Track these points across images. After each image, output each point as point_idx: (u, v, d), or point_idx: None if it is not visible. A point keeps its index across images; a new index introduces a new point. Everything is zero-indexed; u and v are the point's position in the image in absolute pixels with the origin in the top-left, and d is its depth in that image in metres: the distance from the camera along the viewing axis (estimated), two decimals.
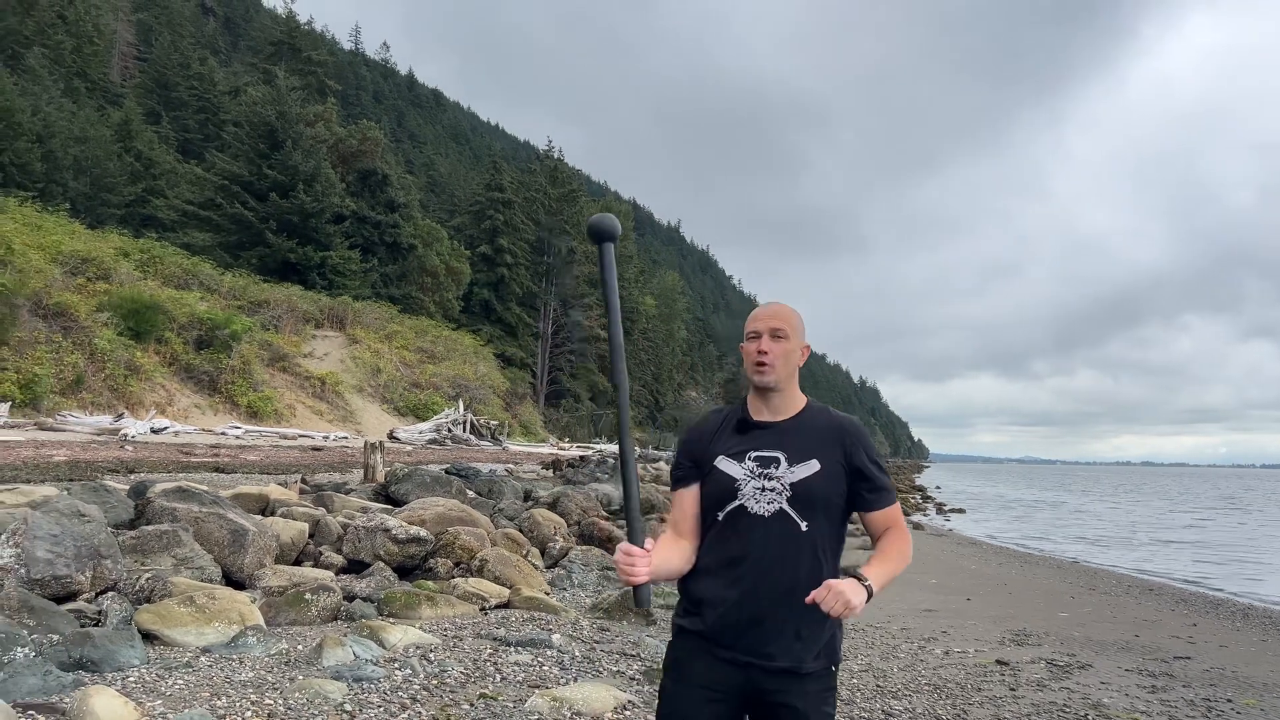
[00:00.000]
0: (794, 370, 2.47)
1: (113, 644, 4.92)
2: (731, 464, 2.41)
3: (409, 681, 5.30)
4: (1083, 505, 49.21)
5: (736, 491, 2.38)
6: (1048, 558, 18.77)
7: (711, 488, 2.44)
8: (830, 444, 2.41)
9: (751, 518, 2.36)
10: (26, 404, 23.07)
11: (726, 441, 2.47)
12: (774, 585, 2.33)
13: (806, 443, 2.41)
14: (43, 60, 54.12)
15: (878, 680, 6.50)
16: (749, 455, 2.41)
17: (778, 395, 2.46)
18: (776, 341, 2.44)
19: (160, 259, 35.57)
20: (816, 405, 2.53)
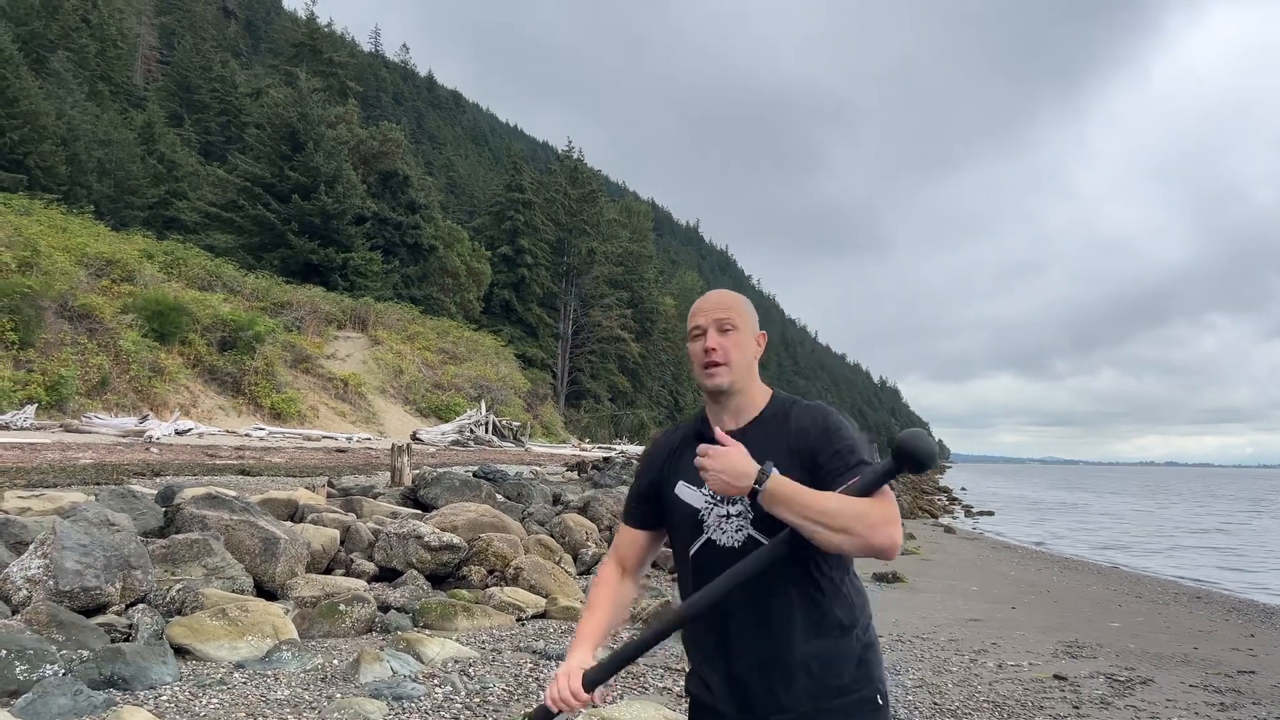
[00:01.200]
0: (751, 365, 2.08)
1: (144, 660, 4.73)
2: (690, 491, 2.04)
3: (450, 700, 5.08)
4: (1110, 507, 48.58)
5: (701, 524, 2.02)
6: (1086, 562, 18.38)
7: (676, 521, 2.08)
8: (792, 442, 2.00)
9: (721, 552, 1.99)
10: (52, 405, 23.09)
11: (684, 462, 2.07)
12: (766, 624, 1.97)
13: (766, 449, 1.98)
14: (67, 64, 54.48)
15: (934, 697, 6.22)
16: None
17: (736, 398, 2.07)
18: (725, 335, 2.05)
19: (184, 261, 35.66)
20: (781, 399, 2.11)
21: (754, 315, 2.12)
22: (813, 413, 2.06)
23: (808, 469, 1.96)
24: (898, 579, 12.19)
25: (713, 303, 2.10)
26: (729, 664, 1.99)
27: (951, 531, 24.07)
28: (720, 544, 1.99)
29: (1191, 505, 53.89)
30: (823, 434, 2.00)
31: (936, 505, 36.87)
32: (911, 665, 7.23)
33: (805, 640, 1.96)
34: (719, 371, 2.02)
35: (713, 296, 2.13)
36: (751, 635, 1.97)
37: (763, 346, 2.12)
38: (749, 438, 2.00)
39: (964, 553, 17.92)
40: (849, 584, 2.05)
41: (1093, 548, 22.73)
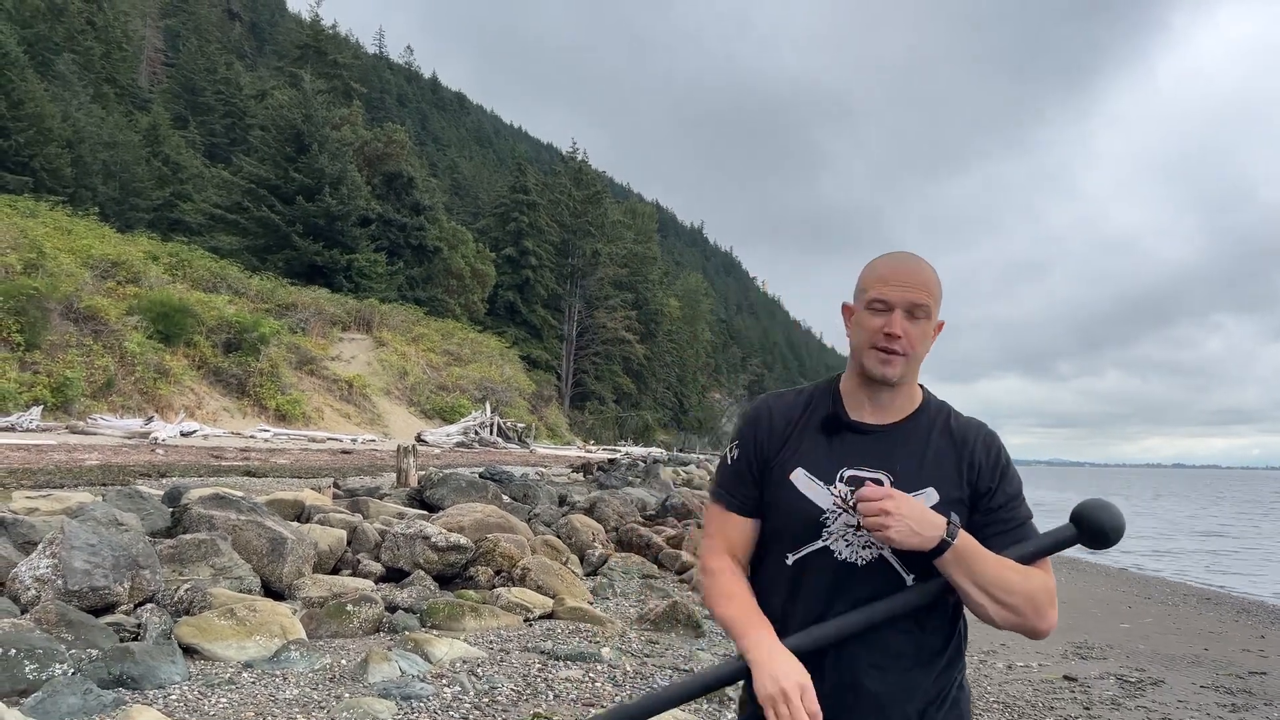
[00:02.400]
0: (922, 360, 1.76)
1: (153, 660, 4.71)
2: (814, 485, 1.71)
3: (459, 700, 5.05)
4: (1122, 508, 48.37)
5: (821, 527, 1.70)
6: (1094, 564, 18.31)
7: (783, 516, 1.74)
8: (955, 463, 1.73)
9: (838, 566, 1.69)
10: (58, 407, 23.12)
11: (807, 446, 1.75)
12: (871, 669, 1.68)
13: (920, 460, 1.72)
14: (72, 66, 54.67)
15: None
16: (841, 474, 1.71)
17: (892, 391, 1.75)
18: (915, 322, 1.71)
19: (189, 262, 35.72)
20: (936, 403, 1.82)
21: (942, 296, 1.77)
22: (981, 433, 1.77)
23: (967, 503, 1.72)
24: None
25: (908, 276, 1.72)
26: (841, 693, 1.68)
27: None
28: (840, 557, 1.69)
29: (1199, 507, 53.76)
30: (996, 468, 1.74)
31: None
32: None
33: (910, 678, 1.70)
34: (894, 362, 1.71)
35: (909, 266, 1.74)
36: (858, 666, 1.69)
37: (937, 336, 1.80)
38: (910, 433, 1.75)
39: None
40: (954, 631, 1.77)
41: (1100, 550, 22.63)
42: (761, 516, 1.79)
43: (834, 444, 1.75)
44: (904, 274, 1.72)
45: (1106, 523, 1.72)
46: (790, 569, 1.73)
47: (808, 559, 1.71)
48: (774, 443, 1.78)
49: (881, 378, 1.72)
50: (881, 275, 1.74)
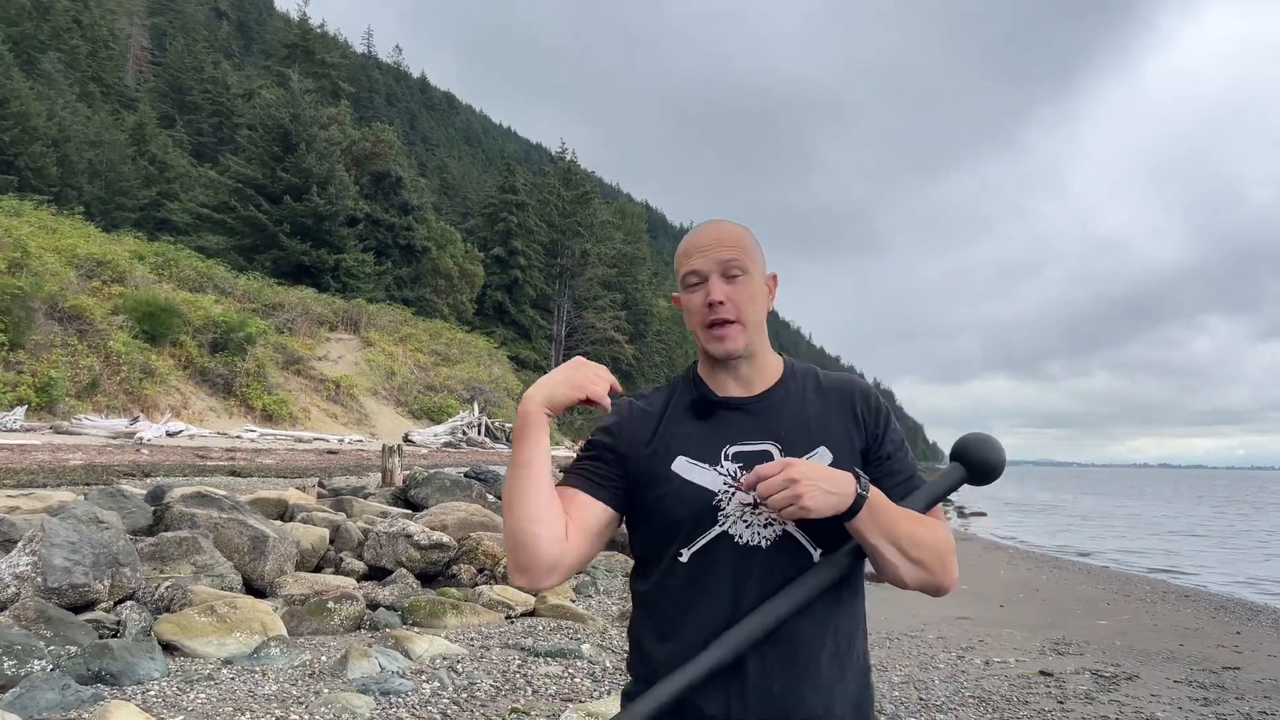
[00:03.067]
0: (764, 320, 1.63)
1: (132, 656, 4.75)
2: (698, 468, 1.55)
3: (438, 695, 5.10)
4: (1102, 508, 48.79)
5: (716, 511, 1.53)
6: (1076, 562, 18.46)
7: (670, 509, 1.55)
8: (839, 418, 1.62)
9: (742, 552, 1.52)
10: (42, 407, 23.01)
11: (681, 432, 1.60)
12: (791, 657, 1.52)
13: (804, 422, 1.60)
14: (58, 64, 54.41)
15: (920, 693, 6.27)
16: (726, 452, 1.56)
17: (747, 363, 1.62)
18: (733, 283, 1.58)
19: (175, 262, 35.57)
20: (800, 365, 1.70)
21: (762, 253, 1.65)
22: (856, 384, 1.69)
23: (858, 426, 1.63)
24: None
25: (712, 238, 1.60)
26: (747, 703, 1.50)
27: None
28: (742, 541, 1.52)
29: (1182, 506, 54.13)
30: (879, 417, 1.65)
31: None
32: (899, 662, 7.28)
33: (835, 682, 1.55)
34: (729, 333, 1.57)
35: (711, 230, 1.62)
36: (775, 671, 1.51)
37: (775, 292, 1.69)
38: (785, 397, 1.63)
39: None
40: (862, 605, 1.65)
41: (1083, 546, 22.83)
42: (615, 507, 1.59)
43: (709, 425, 1.60)
44: (708, 239, 1.60)
45: (990, 457, 1.66)
46: (687, 567, 1.54)
47: (706, 550, 1.53)
48: (638, 440, 1.61)
49: (724, 354, 1.59)
50: (687, 250, 1.62)
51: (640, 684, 1.57)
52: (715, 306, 1.56)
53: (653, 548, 1.60)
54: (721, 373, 1.64)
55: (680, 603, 1.55)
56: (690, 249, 1.61)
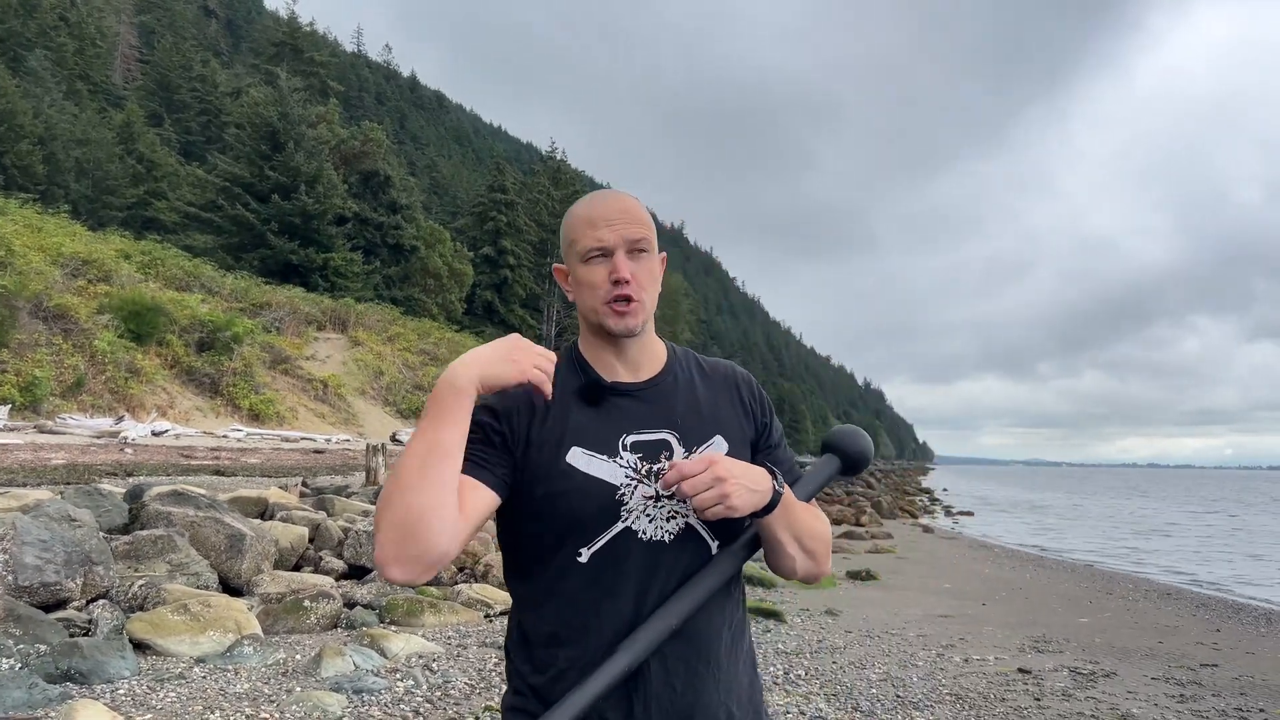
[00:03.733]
0: (656, 301, 1.56)
1: (102, 655, 4.71)
2: (597, 460, 1.46)
3: (411, 693, 5.08)
4: (1089, 507, 49.01)
5: (619, 506, 1.44)
6: (1061, 561, 18.53)
7: (566, 507, 1.44)
8: (729, 406, 1.58)
9: (646, 548, 1.44)
10: (26, 407, 22.87)
11: (573, 421, 1.48)
12: (691, 653, 1.47)
13: (697, 410, 1.55)
14: (45, 63, 54.09)
15: (897, 690, 6.27)
16: (624, 442, 1.48)
17: (638, 343, 1.54)
18: (638, 260, 1.50)
19: (161, 261, 35.45)
20: (680, 348, 1.65)
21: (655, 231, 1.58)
22: (739, 371, 1.66)
23: (745, 413, 1.61)
24: (871, 576, 12.26)
25: (618, 211, 1.51)
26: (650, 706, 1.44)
27: (930, 531, 24.23)
28: (645, 536, 1.45)
29: (1170, 505, 54.40)
30: (764, 405, 1.64)
31: (917, 506, 37.04)
32: (878, 660, 7.28)
33: (733, 676, 1.53)
34: (632, 310, 1.49)
35: (614, 202, 1.53)
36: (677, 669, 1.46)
37: (662, 272, 1.59)
38: (666, 394, 1.55)
39: (940, 551, 18.02)
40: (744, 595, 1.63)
41: (1069, 546, 22.92)
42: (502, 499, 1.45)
43: (601, 412, 1.50)
44: (613, 211, 1.51)
45: (862, 448, 1.66)
46: (587, 568, 1.44)
47: (608, 548, 1.44)
48: (525, 427, 1.47)
49: (625, 331, 1.49)
50: (588, 219, 1.51)
51: (527, 697, 1.47)
52: (622, 284, 1.47)
53: (543, 547, 1.47)
54: (609, 354, 1.54)
55: (580, 605, 1.44)
56: (595, 219, 1.50)
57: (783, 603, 9.62)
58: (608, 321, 1.49)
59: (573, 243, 1.52)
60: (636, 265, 1.49)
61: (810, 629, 8.34)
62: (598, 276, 1.48)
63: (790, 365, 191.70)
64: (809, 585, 1.37)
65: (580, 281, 1.51)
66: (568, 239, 1.54)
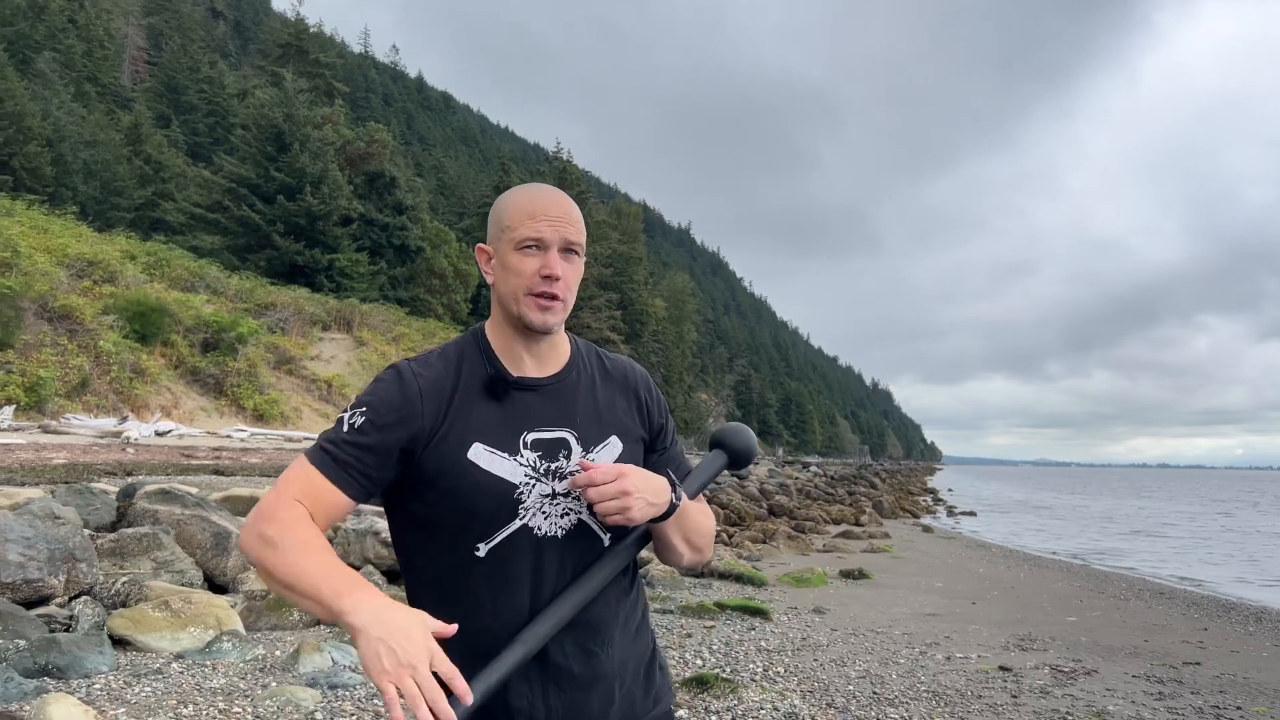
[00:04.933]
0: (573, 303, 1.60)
1: (80, 650, 4.79)
2: (498, 458, 1.50)
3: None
4: (1095, 507, 48.88)
5: (517, 504, 1.49)
6: (1057, 560, 18.51)
7: (467, 502, 1.48)
8: (627, 407, 1.65)
9: (540, 543, 1.51)
10: (31, 407, 23.05)
11: (476, 415, 1.52)
12: (587, 640, 1.55)
13: (596, 409, 1.61)
14: (53, 64, 54.38)
15: (875, 687, 6.32)
16: (524, 440, 1.52)
17: (549, 339, 1.60)
18: (570, 262, 1.56)
19: (167, 262, 35.63)
20: (582, 343, 1.70)
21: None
22: (638, 371, 1.73)
23: (641, 413, 1.68)
24: (863, 575, 12.29)
25: (560, 210, 1.55)
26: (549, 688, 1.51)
27: (929, 531, 24.22)
28: (540, 533, 1.50)
29: (1175, 505, 54.20)
30: (660, 405, 1.72)
31: (919, 506, 37.04)
32: (860, 657, 7.33)
33: (627, 653, 1.61)
34: (555, 308, 1.54)
35: (559, 201, 1.57)
36: (575, 654, 1.53)
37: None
38: (577, 382, 1.61)
39: (936, 551, 18.02)
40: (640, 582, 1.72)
41: (1068, 546, 22.89)
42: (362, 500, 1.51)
43: (505, 407, 1.54)
44: (557, 210, 1.55)
45: (748, 443, 1.72)
46: (484, 562, 1.49)
47: (505, 544, 1.49)
48: (427, 422, 1.49)
49: (542, 326, 1.53)
50: (529, 210, 1.54)
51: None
52: (552, 280, 1.52)
53: (440, 540, 1.52)
54: (519, 346, 1.58)
55: (477, 597, 1.50)
56: (536, 212, 1.53)
57: (771, 601, 9.66)
58: (528, 314, 1.52)
59: (507, 228, 1.55)
60: (568, 266, 1.55)
61: (795, 627, 8.39)
62: (528, 267, 1.52)
63: (798, 365, 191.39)
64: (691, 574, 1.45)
65: (508, 267, 1.53)
66: (501, 223, 1.56)
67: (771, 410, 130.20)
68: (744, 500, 22.30)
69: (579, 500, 1.52)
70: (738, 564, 11.41)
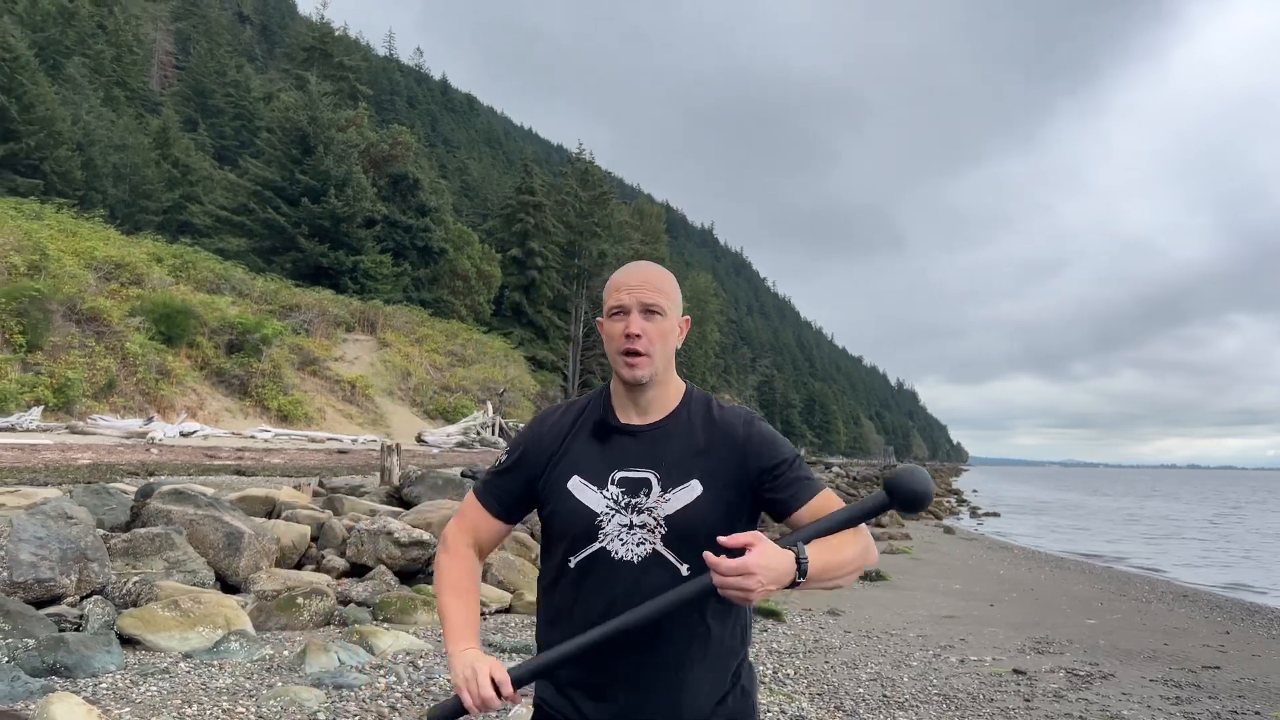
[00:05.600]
0: (672, 356, 1.86)
1: (88, 649, 4.83)
2: (588, 490, 1.80)
3: (391, 689, 5.16)
4: (1122, 507, 48.31)
5: (597, 530, 1.78)
6: (1080, 562, 18.31)
7: (562, 522, 1.82)
8: (717, 453, 1.82)
9: (615, 565, 1.77)
10: (59, 407, 23.37)
11: (580, 453, 1.84)
12: (652, 658, 1.76)
13: (684, 455, 1.81)
14: (83, 70, 55.12)
15: (885, 690, 6.27)
16: (613, 477, 1.80)
17: (651, 391, 1.85)
18: (650, 320, 1.81)
19: (193, 264, 35.99)
20: (698, 395, 1.91)
21: (680, 297, 1.89)
22: (742, 417, 1.88)
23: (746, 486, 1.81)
24: (881, 577, 12.20)
25: (639, 279, 1.83)
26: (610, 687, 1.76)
27: (951, 532, 24.02)
28: (616, 556, 1.77)
29: (1203, 507, 53.46)
30: (764, 443, 1.83)
31: (943, 507, 36.75)
32: (872, 659, 7.27)
33: (699, 673, 1.78)
34: (639, 363, 1.79)
35: (639, 271, 1.85)
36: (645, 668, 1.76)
37: (685, 333, 1.90)
38: (671, 430, 1.84)
39: (957, 552, 17.87)
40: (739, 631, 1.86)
41: (1092, 547, 22.64)
42: (512, 522, 1.94)
43: (605, 448, 1.84)
44: (634, 279, 1.84)
45: (919, 491, 1.73)
46: (573, 571, 1.80)
47: (587, 561, 1.79)
48: (542, 455, 1.87)
49: (632, 379, 1.81)
50: (616, 284, 1.86)
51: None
52: (632, 338, 1.79)
53: (551, 550, 1.88)
54: (626, 396, 1.87)
55: (566, 599, 1.82)
56: (619, 285, 1.84)
57: (784, 603, 9.60)
58: (620, 370, 1.83)
59: (604, 302, 1.88)
60: (648, 324, 1.81)
61: (808, 629, 8.34)
62: (616, 330, 1.82)
63: (822, 366, 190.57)
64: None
65: (606, 334, 1.86)
66: (603, 299, 1.89)
67: (795, 411, 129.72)
68: None
69: (654, 533, 1.76)
70: None
